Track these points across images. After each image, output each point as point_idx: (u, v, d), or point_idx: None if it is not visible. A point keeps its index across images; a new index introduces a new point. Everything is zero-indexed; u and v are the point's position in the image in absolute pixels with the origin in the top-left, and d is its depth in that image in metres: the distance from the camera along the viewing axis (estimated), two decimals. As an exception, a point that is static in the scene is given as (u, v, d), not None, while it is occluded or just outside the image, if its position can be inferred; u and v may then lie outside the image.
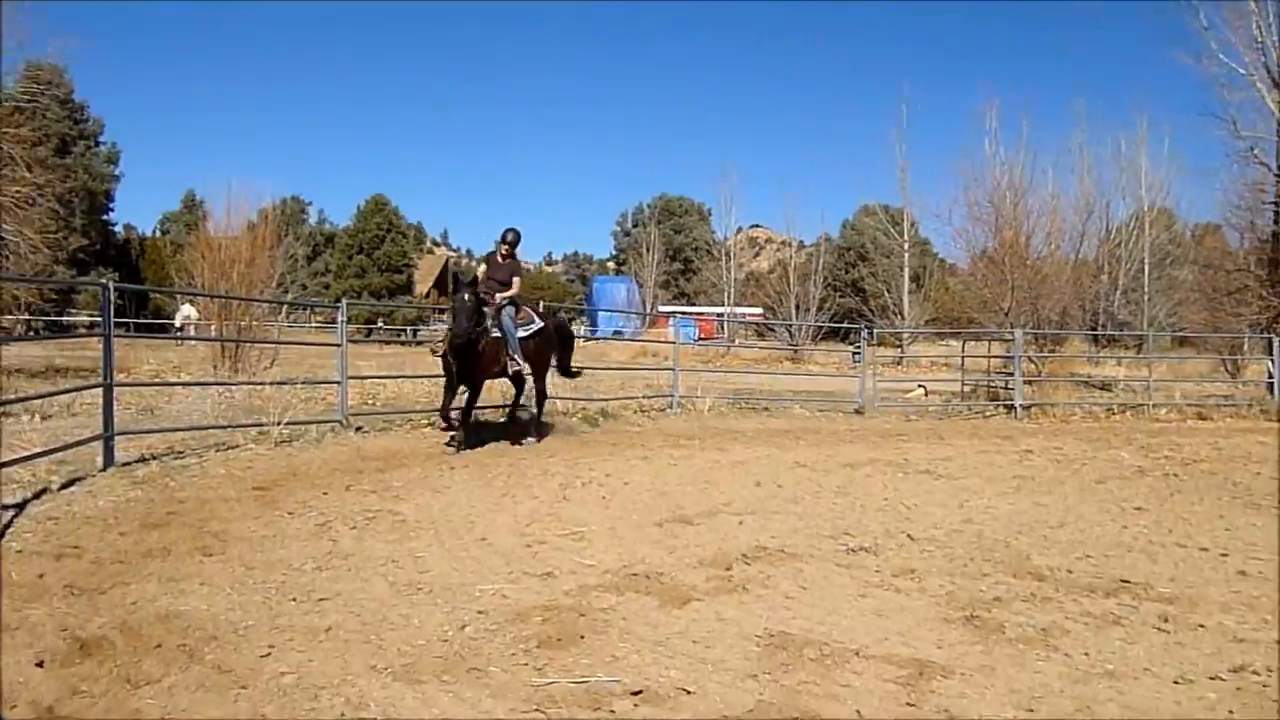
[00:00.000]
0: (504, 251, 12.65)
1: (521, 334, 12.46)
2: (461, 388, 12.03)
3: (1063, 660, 5.01)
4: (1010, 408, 19.55)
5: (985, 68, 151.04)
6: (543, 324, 13.00)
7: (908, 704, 4.39)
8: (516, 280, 12.53)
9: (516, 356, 12.28)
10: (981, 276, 30.64)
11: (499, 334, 12.07)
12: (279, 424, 12.09)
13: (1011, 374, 20.63)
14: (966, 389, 22.65)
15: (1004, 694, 4.54)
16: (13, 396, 13.36)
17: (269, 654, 4.76)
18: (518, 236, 12.72)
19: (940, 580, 6.55)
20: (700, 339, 44.57)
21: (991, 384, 22.62)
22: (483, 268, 12.76)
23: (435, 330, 45.97)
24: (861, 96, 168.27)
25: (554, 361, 13.98)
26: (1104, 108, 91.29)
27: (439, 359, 12.25)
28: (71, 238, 33.44)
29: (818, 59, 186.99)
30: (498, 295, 12.23)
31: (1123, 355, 31.97)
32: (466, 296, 11.43)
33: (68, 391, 13.17)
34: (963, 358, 25.03)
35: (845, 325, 45.42)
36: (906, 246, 53.49)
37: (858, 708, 4.31)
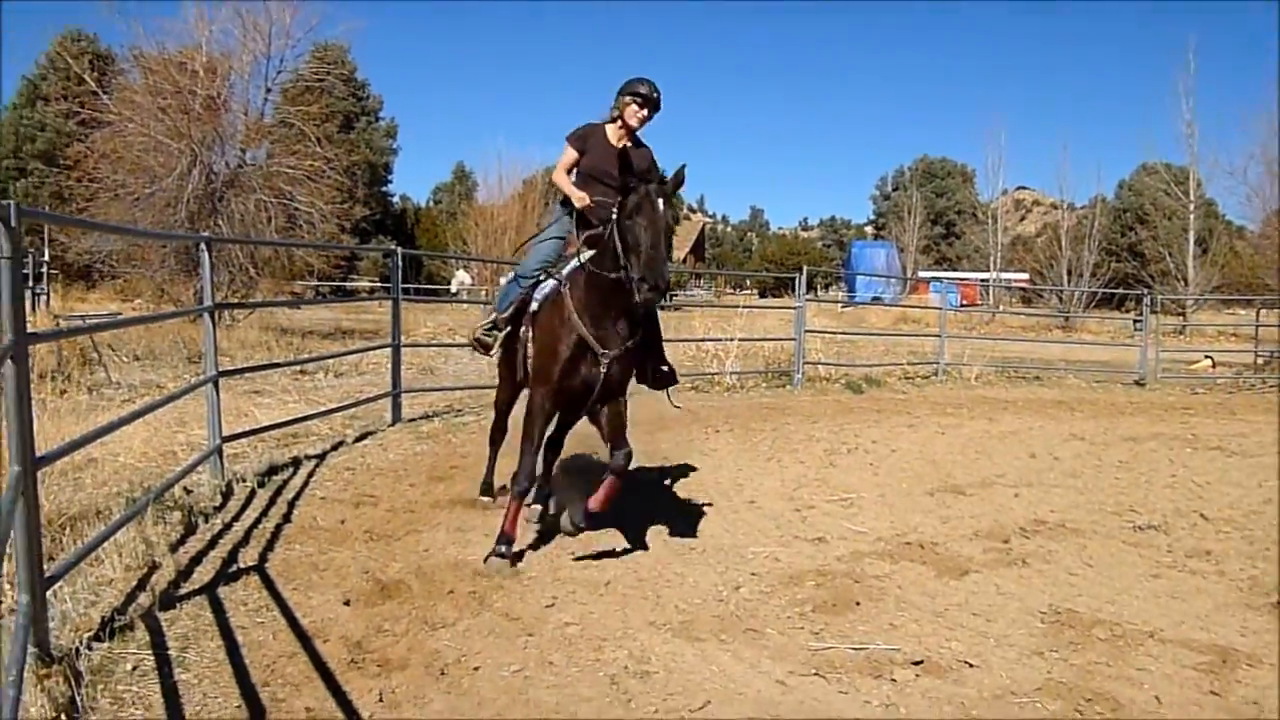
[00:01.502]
0: (635, 121, 6.15)
1: None
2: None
3: (1390, 658, 4.58)
4: (1312, 382, 17.99)
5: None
6: None
7: (1211, 693, 4.14)
8: None
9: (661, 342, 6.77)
10: (1278, 239, 28.13)
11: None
12: (550, 385, 12.50)
13: (1313, 345, 19.03)
14: (1260, 361, 21.03)
15: (1320, 689, 4.20)
16: (310, 355, 14.37)
17: (553, 605, 4.96)
18: (660, 97, 6.11)
19: (1240, 564, 6.14)
20: (962, 304, 43.12)
21: (1289, 356, 20.91)
22: (570, 152, 6.29)
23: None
24: (1141, 51, 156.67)
25: None
26: None
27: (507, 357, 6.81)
28: (355, 208, 35.58)
29: (1089, 11, 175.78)
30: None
31: None
32: (659, 199, 5.21)
33: (358, 351, 14.14)
34: (1256, 327, 23.19)
35: (1121, 291, 42.87)
36: (1192, 207, 49.74)
37: (1156, 693, 4.09)
